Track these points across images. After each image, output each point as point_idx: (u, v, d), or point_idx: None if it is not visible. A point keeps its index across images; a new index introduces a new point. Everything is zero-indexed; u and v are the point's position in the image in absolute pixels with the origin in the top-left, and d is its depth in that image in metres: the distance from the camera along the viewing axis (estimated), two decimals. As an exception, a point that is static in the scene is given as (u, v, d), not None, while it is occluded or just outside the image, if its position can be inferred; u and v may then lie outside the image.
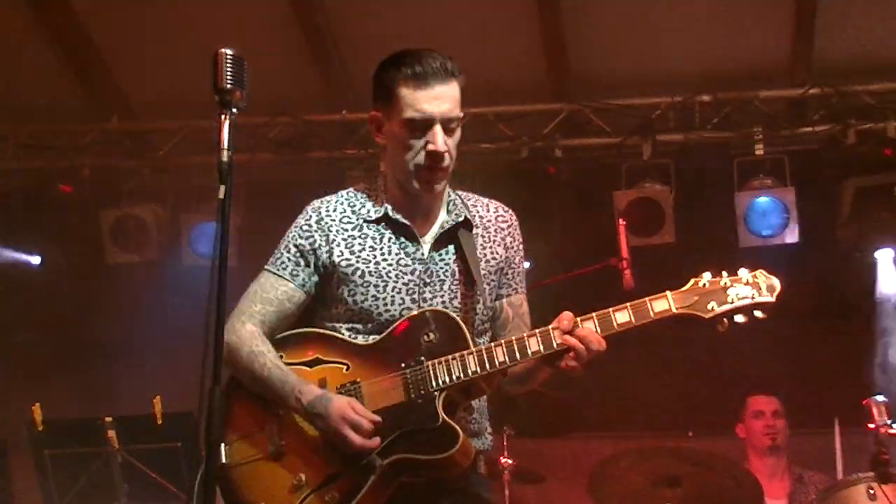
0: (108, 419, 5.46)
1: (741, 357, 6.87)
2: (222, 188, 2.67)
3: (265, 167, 6.94)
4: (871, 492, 5.18)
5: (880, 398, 5.25)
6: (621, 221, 5.35)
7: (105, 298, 7.16)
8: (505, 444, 5.48)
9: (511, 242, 3.31)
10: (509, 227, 3.33)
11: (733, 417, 6.52)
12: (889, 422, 5.16)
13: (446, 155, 3.10)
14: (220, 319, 2.61)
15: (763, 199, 6.80)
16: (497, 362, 3.03)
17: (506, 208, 3.35)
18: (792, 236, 6.75)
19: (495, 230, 3.30)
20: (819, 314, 6.87)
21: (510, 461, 5.44)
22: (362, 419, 2.97)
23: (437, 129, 3.08)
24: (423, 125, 3.08)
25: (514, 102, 6.84)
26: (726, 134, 6.99)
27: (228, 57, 2.66)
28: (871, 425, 5.24)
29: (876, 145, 6.85)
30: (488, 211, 3.32)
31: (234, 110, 2.68)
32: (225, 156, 2.67)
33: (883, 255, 7.12)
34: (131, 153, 7.24)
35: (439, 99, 3.09)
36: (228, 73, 2.66)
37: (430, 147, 3.08)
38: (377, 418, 2.97)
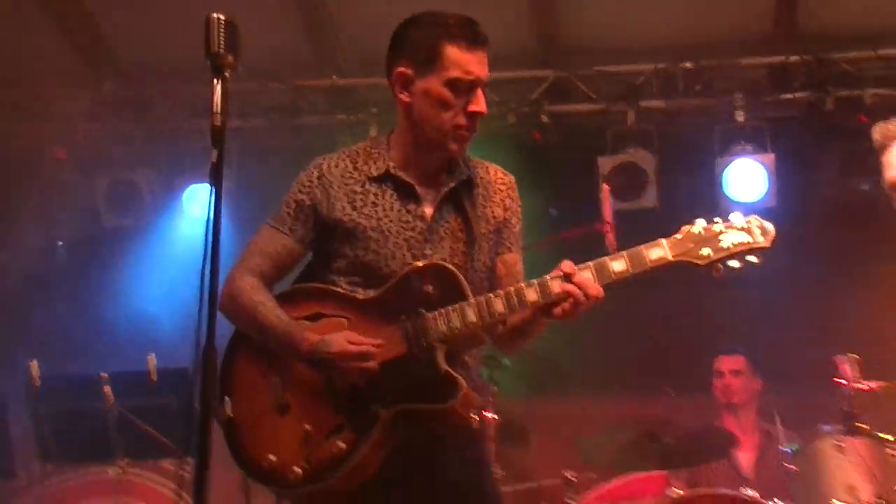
0: (104, 375, 5.48)
1: (719, 316, 6.91)
2: (215, 152, 2.69)
3: (256, 132, 6.93)
4: (840, 445, 5.24)
5: (850, 355, 5.29)
6: (605, 186, 5.36)
7: (102, 261, 7.12)
8: (490, 400, 5.48)
9: (510, 204, 3.33)
10: (508, 189, 3.34)
11: (708, 375, 6.58)
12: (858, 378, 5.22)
13: (483, 116, 3.14)
14: (213, 279, 2.65)
15: (743, 165, 6.83)
16: (496, 312, 3.03)
17: (505, 171, 3.38)
18: (771, 201, 6.78)
19: (494, 191, 3.31)
20: (794, 276, 6.90)
21: (496, 417, 5.45)
22: (364, 346, 2.99)
23: (480, 91, 3.11)
24: (467, 86, 3.10)
25: (501, 69, 6.78)
26: (708, 101, 7.00)
27: (220, 22, 2.69)
28: (842, 381, 5.30)
29: (853, 112, 6.85)
30: (488, 173, 3.34)
31: (227, 75, 2.68)
32: (218, 120, 2.69)
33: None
34: (124, 117, 7.19)
35: (483, 63, 3.13)
36: (221, 39, 2.69)
37: (474, 108, 3.11)
38: (378, 341, 3.00)
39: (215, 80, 2.70)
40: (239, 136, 6.68)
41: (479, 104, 3.11)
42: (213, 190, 2.68)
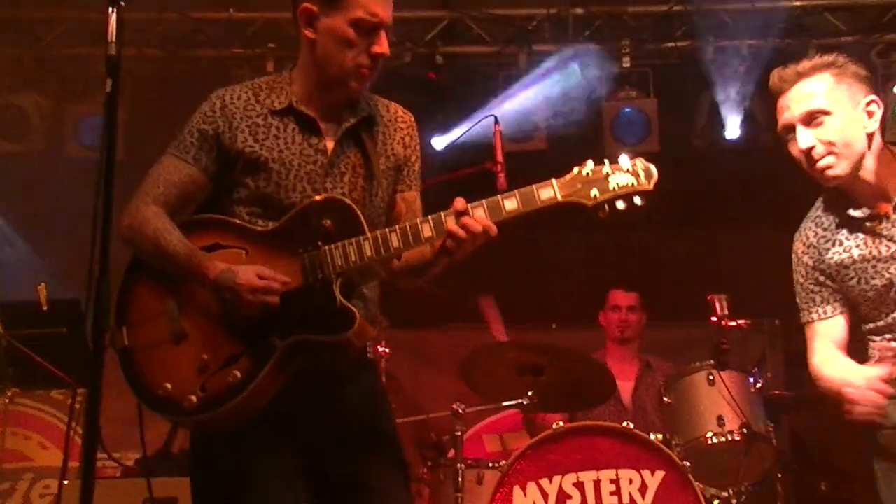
0: None
1: (603, 255, 6.99)
2: (110, 82, 2.63)
3: (151, 63, 6.73)
4: (711, 378, 5.39)
5: (722, 294, 5.40)
6: (497, 127, 5.34)
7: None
8: (382, 333, 5.47)
9: (409, 142, 3.32)
10: (408, 127, 3.33)
11: (593, 310, 6.65)
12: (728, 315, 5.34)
13: (385, 58, 3.12)
14: (107, 209, 2.59)
15: (627, 110, 6.89)
16: (392, 247, 3.02)
17: (405, 110, 3.36)
18: (653, 145, 6.87)
19: (395, 129, 3.30)
20: (674, 218, 7.01)
21: (387, 350, 5.45)
22: (271, 281, 2.97)
23: (383, 33, 3.09)
24: (371, 28, 3.08)
25: (398, 8, 6.66)
26: (597, 46, 6.99)
27: None
28: (714, 318, 5.41)
29: (731, 61, 6.96)
30: (388, 111, 3.32)
31: (122, 3, 2.60)
32: (113, 49, 2.63)
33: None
34: (14, 42, 6.89)
35: (388, 6, 3.12)
36: None
37: (378, 49, 3.09)
38: (286, 278, 2.98)
39: (111, 9, 2.63)
40: (134, 64, 6.47)
41: (383, 46, 3.09)
42: (107, 120, 2.64)
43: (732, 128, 7.09)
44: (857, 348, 3.47)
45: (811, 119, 3.35)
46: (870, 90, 3.39)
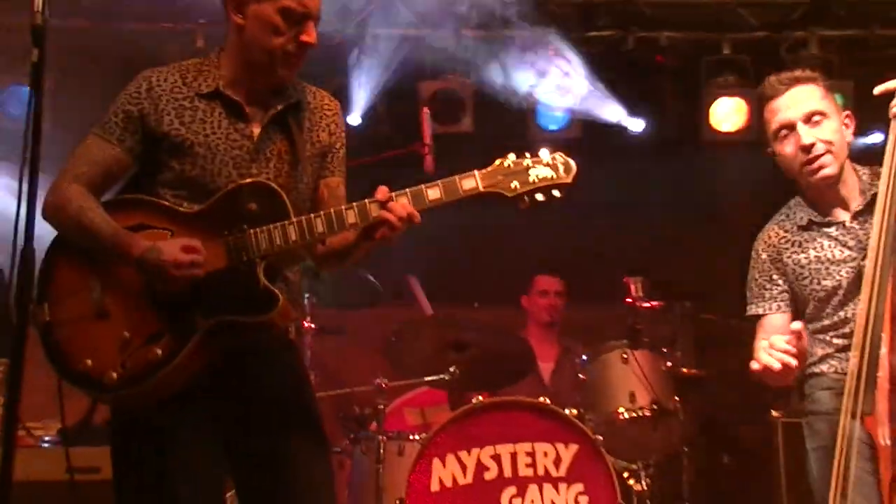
0: None
1: (523, 239, 6.99)
2: (36, 51, 2.59)
3: (78, 34, 6.54)
4: (625, 356, 5.50)
5: (637, 277, 5.48)
6: (425, 110, 5.37)
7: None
8: (308, 310, 5.43)
9: (335, 129, 3.31)
10: (334, 115, 3.33)
11: (515, 291, 6.68)
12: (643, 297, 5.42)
13: (312, 47, 3.12)
14: (32, 180, 2.61)
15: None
16: (316, 232, 3.03)
17: (332, 97, 3.37)
18: (576, 132, 6.90)
19: (321, 116, 3.30)
20: (593, 204, 7.05)
21: (313, 326, 5.41)
22: (196, 255, 2.95)
23: (311, 23, 3.09)
24: (299, 16, 3.07)
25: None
26: (523, 33, 6.98)
27: None
28: (629, 300, 5.49)
29: (650, 52, 7.02)
30: (315, 98, 3.31)
31: None
32: (39, 19, 2.59)
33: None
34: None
35: None
36: None
37: (305, 38, 3.08)
38: (206, 252, 2.97)
39: (37, -22, 2.58)
40: (59, 36, 6.27)
41: (310, 36, 3.08)
42: (33, 91, 2.62)
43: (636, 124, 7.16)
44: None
45: (810, 119, 3.49)
46: None
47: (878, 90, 3.26)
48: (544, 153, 3.11)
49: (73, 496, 3.39)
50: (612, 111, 7.03)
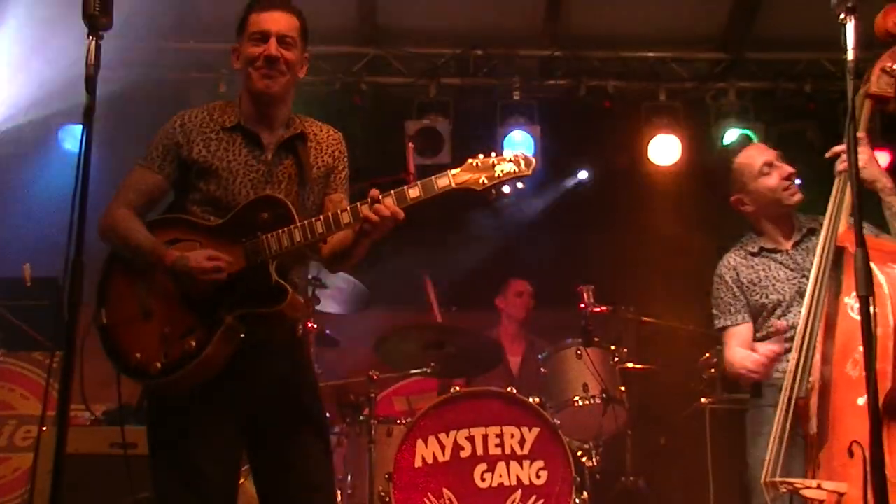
0: None
1: (494, 253, 7.02)
2: (88, 97, 2.61)
3: (124, 83, 6.57)
4: (579, 353, 5.46)
5: (589, 286, 5.48)
6: (410, 144, 5.38)
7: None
8: (311, 312, 5.42)
9: (338, 154, 3.33)
10: (337, 143, 3.35)
11: (485, 296, 6.66)
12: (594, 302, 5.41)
13: (280, 60, 3.14)
14: (82, 203, 2.59)
15: (517, 133, 6.92)
16: (317, 233, 3.04)
17: (336, 129, 3.39)
18: (537, 164, 6.90)
19: (326, 144, 3.31)
20: (552, 222, 7.09)
21: (315, 326, 5.41)
22: (218, 261, 2.99)
23: (273, 40, 3.12)
24: (260, 37, 3.13)
25: (331, 44, 6.78)
26: (493, 81, 7.07)
27: None
28: (582, 305, 5.49)
29: (599, 98, 7.04)
30: (321, 130, 3.34)
31: (101, 34, 2.59)
32: (91, 71, 2.61)
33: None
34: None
35: (275, 20, 3.15)
36: (96, 2, 2.58)
37: (267, 52, 3.12)
38: (231, 259, 3.00)
39: (90, 37, 2.61)
40: (106, 84, 6.28)
41: (269, 49, 3.12)
42: (85, 129, 2.64)
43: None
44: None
45: (779, 158, 3.74)
46: None
47: (829, 154, 3.38)
48: (507, 151, 3.13)
49: (115, 467, 3.38)
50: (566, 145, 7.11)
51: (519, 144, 6.82)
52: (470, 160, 3.09)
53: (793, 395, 3.09)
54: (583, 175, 7.48)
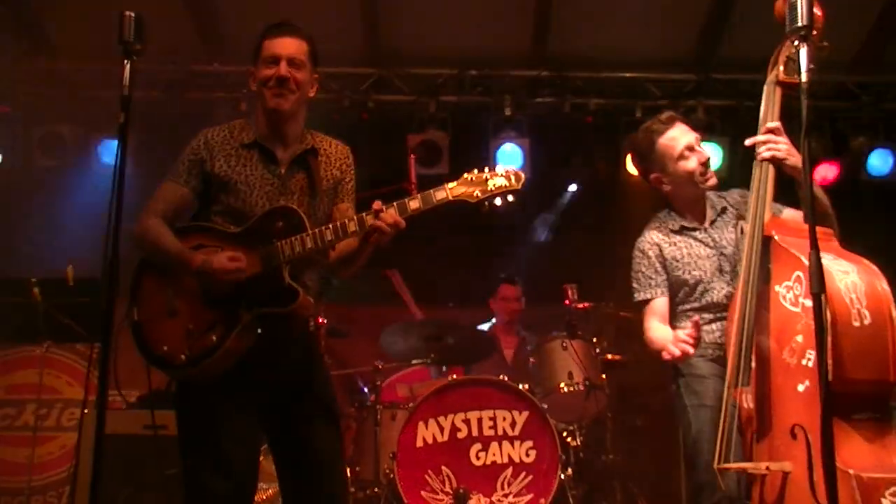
0: (34, 280, 5.34)
1: (488, 254, 7.04)
2: (123, 115, 2.65)
3: (155, 102, 6.62)
4: (564, 345, 5.47)
5: (573, 284, 5.48)
6: (412, 156, 5.39)
7: (35, 192, 6.75)
8: (321, 309, 5.44)
9: (345, 168, 3.35)
10: (345, 157, 3.36)
11: (479, 293, 6.67)
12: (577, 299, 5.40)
13: (290, 80, 3.15)
14: (118, 210, 2.62)
15: (508, 146, 6.92)
16: (326, 240, 3.06)
17: (344, 144, 3.40)
18: (527, 173, 6.89)
19: (335, 159, 3.33)
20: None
21: (325, 321, 5.43)
22: (238, 262, 3.01)
23: (283, 63, 3.14)
24: (272, 60, 3.15)
25: (340, 65, 6.81)
26: (486, 98, 7.08)
27: (131, 18, 2.61)
28: (567, 302, 5.49)
29: (582, 114, 7.06)
30: (331, 146, 3.35)
31: (134, 58, 2.62)
32: (126, 91, 2.64)
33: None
34: (56, 85, 6.77)
35: (285, 45, 3.17)
36: (131, 30, 2.61)
37: (278, 73, 3.14)
38: (247, 261, 3.02)
39: (125, 61, 2.64)
40: (141, 104, 6.32)
41: (279, 70, 3.15)
42: (120, 144, 2.66)
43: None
44: (673, 326, 3.58)
45: (699, 143, 3.59)
46: None
47: (748, 141, 3.25)
48: (500, 167, 3.13)
49: (147, 447, 3.41)
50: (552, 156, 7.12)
51: (510, 155, 6.84)
52: (465, 175, 3.10)
53: (738, 384, 3.00)
54: (572, 188, 7.52)
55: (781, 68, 3.17)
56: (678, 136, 3.58)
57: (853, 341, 2.74)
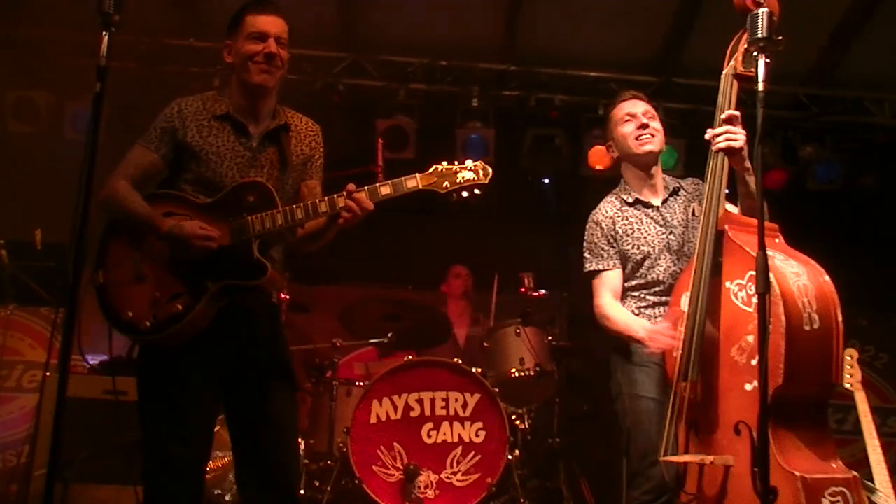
0: (1, 242, 5.26)
1: (447, 239, 7.04)
2: (98, 85, 2.61)
3: (130, 74, 6.51)
4: (518, 331, 5.48)
5: (529, 273, 5.50)
6: (379, 140, 5.37)
7: (4, 157, 6.61)
8: (285, 285, 5.40)
9: (315, 145, 3.33)
10: (315, 135, 3.34)
11: (436, 277, 6.69)
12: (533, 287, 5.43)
13: (277, 57, 3.13)
14: (90, 175, 2.62)
15: (474, 136, 6.93)
16: (297, 218, 3.05)
17: (314, 122, 3.38)
18: (490, 163, 6.90)
19: (304, 135, 3.31)
20: (505, 213, 7.13)
21: (287, 297, 5.41)
22: (209, 231, 2.98)
23: (272, 40, 3.12)
24: (258, 36, 3.11)
25: (312, 48, 6.72)
26: (454, 88, 7.08)
27: None
28: (522, 289, 5.52)
29: (546, 109, 7.09)
30: (301, 122, 3.33)
31: (112, 29, 2.58)
32: (103, 62, 2.61)
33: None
34: (32, 54, 6.60)
35: (273, 23, 3.15)
36: (110, 2, 2.56)
37: (267, 49, 3.11)
38: (216, 232, 2.99)
39: (104, 32, 2.60)
40: (116, 75, 6.21)
41: (269, 47, 3.13)
42: (95, 112, 2.61)
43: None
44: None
45: (646, 114, 3.65)
46: None
47: (708, 134, 3.24)
48: (469, 162, 3.15)
49: (107, 411, 3.38)
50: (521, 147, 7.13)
51: (475, 144, 6.85)
52: (436, 166, 3.10)
53: (688, 379, 2.98)
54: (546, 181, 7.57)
55: (740, 59, 3.17)
56: (625, 105, 3.70)
57: (804, 345, 2.75)
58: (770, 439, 2.63)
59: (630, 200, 3.64)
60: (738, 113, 3.17)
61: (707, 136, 3.22)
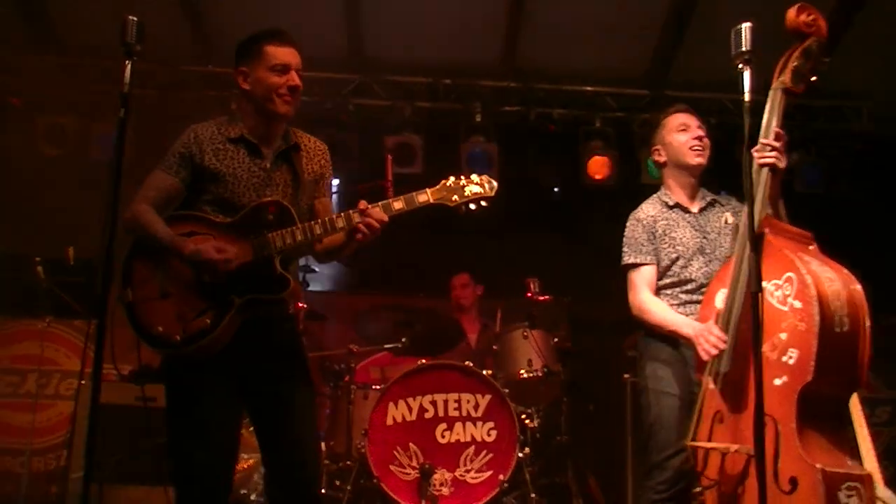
0: (38, 259, 5.35)
1: (458, 249, 7.04)
2: (123, 110, 2.63)
3: (152, 100, 6.56)
4: (525, 334, 5.47)
5: (535, 278, 5.49)
6: (388, 156, 5.39)
7: (38, 178, 6.66)
8: (302, 294, 5.44)
9: (325, 164, 3.35)
10: (324, 153, 3.36)
11: (444, 286, 6.67)
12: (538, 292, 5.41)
13: (299, 89, 3.15)
14: (116, 195, 2.62)
15: (477, 150, 6.94)
16: (315, 234, 3.07)
17: (323, 142, 3.40)
18: (493, 176, 6.87)
19: (314, 154, 3.32)
20: (507, 221, 7.12)
21: (304, 306, 5.43)
22: (226, 252, 2.99)
23: (293, 72, 3.13)
24: (283, 68, 3.11)
25: (322, 71, 6.76)
26: (458, 105, 7.09)
27: (133, 22, 2.59)
28: (529, 294, 5.51)
29: (545, 123, 7.11)
30: (310, 141, 3.35)
31: (135, 58, 2.60)
32: (126, 88, 2.63)
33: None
34: (59, 79, 6.67)
35: (293, 55, 3.16)
36: (132, 33, 2.60)
37: (293, 83, 3.12)
38: (239, 251, 3.01)
39: (127, 61, 2.63)
40: (139, 101, 6.25)
41: (295, 80, 3.14)
42: (119, 136, 2.63)
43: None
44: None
45: (700, 127, 3.64)
46: None
47: (757, 147, 3.05)
48: (475, 176, 3.18)
49: (138, 417, 3.39)
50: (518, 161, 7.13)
51: (479, 158, 6.86)
52: (444, 181, 3.13)
53: (720, 370, 3.02)
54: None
55: (789, 75, 3.09)
56: (680, 116, 3.69)
57: (834, 345, 2.78)
58: (795, 432, 2.73)
59: (671, 203, 3.63)
60: (781, 131, 3.07)
61: (755, 149, 3.09)
